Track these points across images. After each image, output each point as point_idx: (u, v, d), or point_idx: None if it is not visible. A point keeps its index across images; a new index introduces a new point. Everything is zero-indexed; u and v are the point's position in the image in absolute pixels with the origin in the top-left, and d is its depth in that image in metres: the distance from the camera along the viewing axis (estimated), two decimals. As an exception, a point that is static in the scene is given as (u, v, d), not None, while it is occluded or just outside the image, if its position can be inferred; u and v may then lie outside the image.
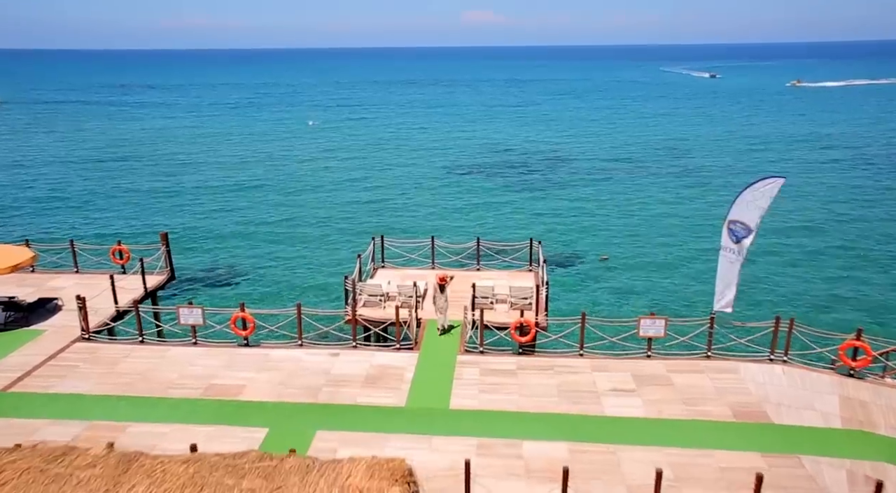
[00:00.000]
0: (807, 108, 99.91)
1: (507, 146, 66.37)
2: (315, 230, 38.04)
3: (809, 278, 29.95)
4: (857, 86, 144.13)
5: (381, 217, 40.15)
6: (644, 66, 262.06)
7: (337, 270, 30.36)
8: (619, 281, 29.59)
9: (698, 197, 44.28)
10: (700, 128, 78.65)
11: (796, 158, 58.06)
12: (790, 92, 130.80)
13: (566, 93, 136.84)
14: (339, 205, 43.40)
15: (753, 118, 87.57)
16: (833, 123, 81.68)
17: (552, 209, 41.69)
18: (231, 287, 28.77)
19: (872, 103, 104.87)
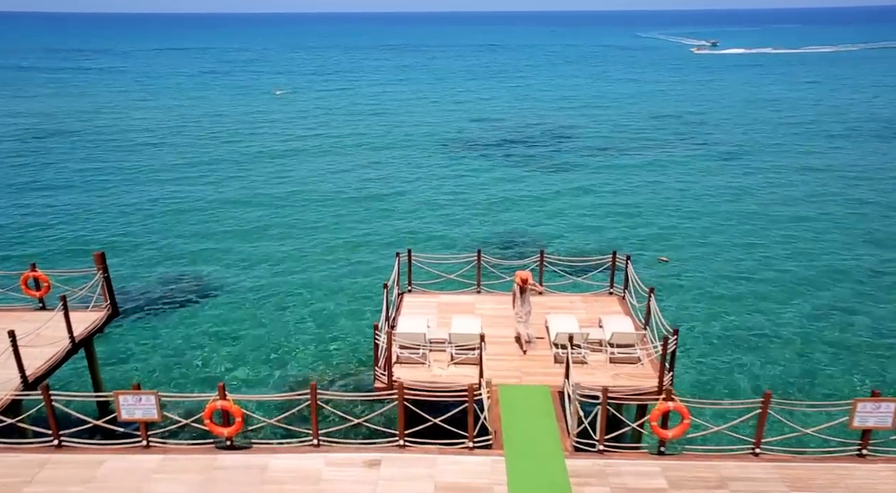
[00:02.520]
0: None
1: (510, 119, 59.51)
2: (305, 238, 28.93)
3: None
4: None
5: (386, 218, 31.64)
6: (623, 32, 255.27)
7: (347, 298, 22.77)
8: (722, 306, 22.15)
9: (740, 177, 38.86)
10: (705, 98, 73.20)
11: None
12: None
13: (562, 60, 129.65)
14: (331, 201, 34.39)
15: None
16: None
17: (578, 194, 35.64)
18: (199, 325, 21.11)
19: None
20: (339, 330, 20.72)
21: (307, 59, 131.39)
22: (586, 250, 27.05)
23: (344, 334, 20.39)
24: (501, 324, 15.66)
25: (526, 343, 14.56)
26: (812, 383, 17.66)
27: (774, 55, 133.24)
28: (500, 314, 16.20)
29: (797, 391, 17.23)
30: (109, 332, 19.10)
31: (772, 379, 17.77)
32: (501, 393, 12.81)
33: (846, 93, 74.28)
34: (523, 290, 14.66)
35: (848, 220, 30.89)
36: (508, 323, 15.75)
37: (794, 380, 17.76)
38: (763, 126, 54.64)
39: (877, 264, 25.67)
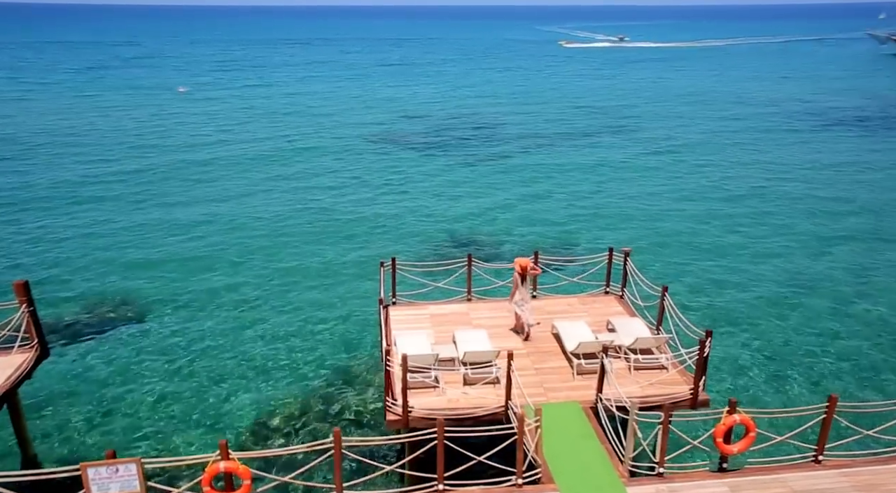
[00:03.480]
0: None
1: (437, 114, 57.75)
2: (254, 256, 25.16)
3: None
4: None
5: (336, 228, 28.35)
6: (522, 26, 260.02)
7: (310, 316, 20.34)
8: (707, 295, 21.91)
9: (669, 161, 39.59)
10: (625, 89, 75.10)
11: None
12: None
13: (476, 53, 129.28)
14: (270, 210, 30.46)
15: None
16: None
17: (519, 187, 34.88)
18: (150, 362, 18.28)
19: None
20: (313, 352, 18.59)
21: (207, 54, 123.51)
22: (553, 245, 26.30)
23: (320, 356, 18.29)
24: (504, 335, 14.37)
25: (528, 327, 14.15)
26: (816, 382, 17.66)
27: (660, 49, 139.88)
28: (499, 323, 14.89)
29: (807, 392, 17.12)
30: (38, 377, 16.05)
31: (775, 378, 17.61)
32: (531, 415, 11.52)
33: (746, 83, 78.77)
34: (524, 277, 14.14)
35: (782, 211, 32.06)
36: (506, 331, 14.50)
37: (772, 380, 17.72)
38: (683, 117, 56.54)
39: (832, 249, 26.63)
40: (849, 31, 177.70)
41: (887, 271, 23.94)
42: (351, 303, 21.27)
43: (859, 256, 25.40)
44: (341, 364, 17.89)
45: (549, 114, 57.32)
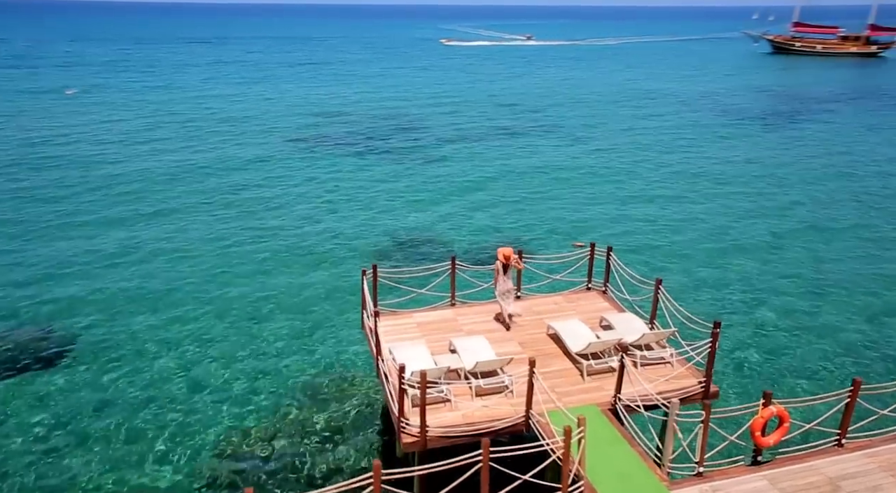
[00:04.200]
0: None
1: (358, 113, 55.95)
2: (187, 276, 22.55)
3: None
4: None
5: (274, 237, 26.48)
6: (428, 25, 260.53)
7: (270, 334, 18.72)
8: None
9: (588, 149, 40.53)
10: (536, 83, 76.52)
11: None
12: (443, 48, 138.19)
13: (384, 52, 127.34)
14: (205, 224, 27.73)
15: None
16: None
17: (462, 186, 34.45)
18: (77, 404, 16.16)
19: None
20: (286, 377, 17.14)
21: (94, 54, 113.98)
22: (514, 242, 26.01)
23: (295, 381, 16.88)
24: (499, 339, 13.76)
25: (509, 318, 14.23)
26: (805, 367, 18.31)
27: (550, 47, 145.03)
28: (490, 328, 14.29)
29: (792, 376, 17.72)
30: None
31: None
32: (555, 422, 10.97)
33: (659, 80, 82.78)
34: (506, 267, 14.08)
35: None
36: (503, 335, 13.95)
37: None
38: (603, 113, 58.36)
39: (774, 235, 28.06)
40: (727, 30, 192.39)
41: (806, 255, 25.55)
42: (317, 320, 19.87)
43: (789, 241, 27.00)
44: (324, 387, 16.62)
45: (470, 112, 57.36)
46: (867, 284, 22.63)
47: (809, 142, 45.89)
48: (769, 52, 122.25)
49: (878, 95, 69.62)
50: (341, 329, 19.30)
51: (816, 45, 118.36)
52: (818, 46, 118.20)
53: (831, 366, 17.60)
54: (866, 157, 41.29)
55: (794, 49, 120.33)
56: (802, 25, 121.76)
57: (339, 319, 19.90)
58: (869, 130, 50.21)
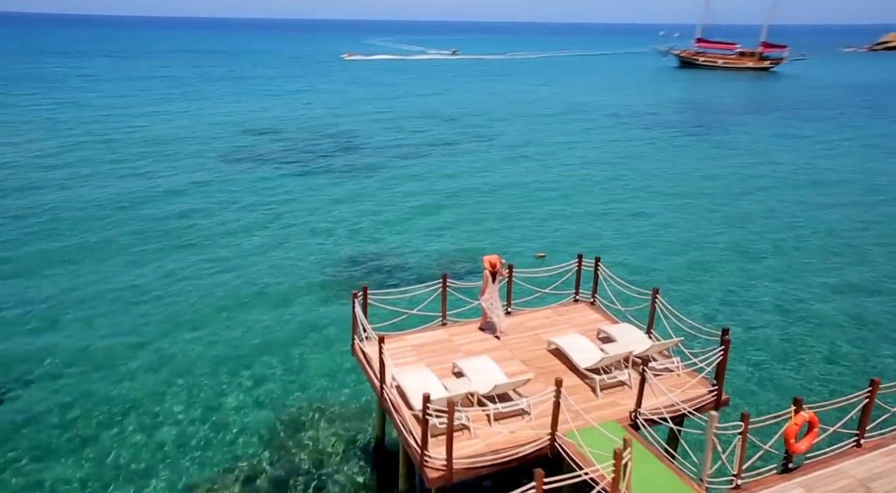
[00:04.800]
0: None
1: (292, 128, 53.91)
2: (142, 325, 19.80)
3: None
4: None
5: (242, 263, 24.76)
6: (350, 39, 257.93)
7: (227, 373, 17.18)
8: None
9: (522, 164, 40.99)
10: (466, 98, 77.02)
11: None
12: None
13: (303, 66, 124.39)
14: (151, 261, 24.76)
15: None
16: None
17: (399, 202, 33.69)
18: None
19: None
20: (256, 416, 15.84)
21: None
22: (455, 257, 25.62)
23: (289, 419, 15.59)
24: (500, 357, 13.23)
25: (499, 328, 14.12)
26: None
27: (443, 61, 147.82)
28: (488, 346, 13.76)
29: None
30: None
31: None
32: (584, 444, 10.54)
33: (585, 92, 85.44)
34: (494, 275, 13.99)
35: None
36: (503, 354, 13.46)
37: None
38: (536, 124, 59.37)
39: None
40: (636, 46, 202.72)
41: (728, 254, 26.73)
42: (293, 353, 18.53)
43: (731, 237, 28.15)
44: (307, 422, 15.47)
45: (409, 127, 56.84)
46: (827, 293, 23.83)
47: (735, 149, 48.49)
48: (676, 66, 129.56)
49: (778, 106, 74.94)
50: (319, 359, 18.18)
51: (718, 60, 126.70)
52: (719, 61, 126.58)
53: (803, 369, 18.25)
54: (788, 163, 44.04)
55: (698, 63, 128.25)
56: (704, 42, 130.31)
57: (316, 348, 18.75)
58: (779, 138, 53.73)
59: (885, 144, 51.53)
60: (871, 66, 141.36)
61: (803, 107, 74.08)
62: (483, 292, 14.20)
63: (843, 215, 32.05)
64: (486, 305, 14.16)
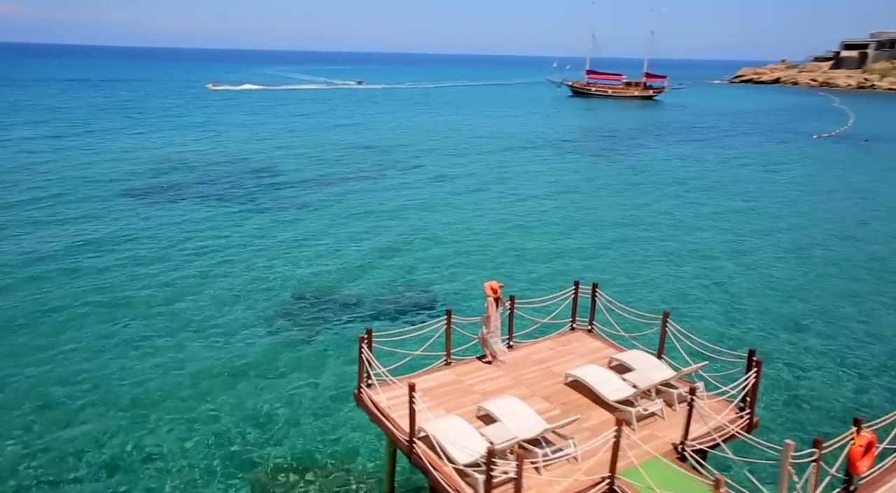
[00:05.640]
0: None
1: (190, 159, 50.67)
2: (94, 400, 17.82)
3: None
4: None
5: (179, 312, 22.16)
6: (245, 68, 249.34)
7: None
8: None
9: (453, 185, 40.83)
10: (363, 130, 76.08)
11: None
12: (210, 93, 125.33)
13: (194, 96, 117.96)
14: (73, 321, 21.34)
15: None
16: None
17: (334, 233, 32.23)
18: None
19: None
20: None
21: None
22: (398, 286, 24.64)
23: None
24: (520, 395, 12.37)
25: (499, 359, 13.66)
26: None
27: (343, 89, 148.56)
28: (505, 385, 12.90)
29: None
30: None
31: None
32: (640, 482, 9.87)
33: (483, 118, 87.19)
34: (497, 301, 13.55)
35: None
36: (522, 391, 12.64)
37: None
38: (456, 152, 59.54)
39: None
40: (531, 76, 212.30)
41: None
42: (276, 409, 16.69)
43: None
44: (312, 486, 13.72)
45: (328, 156, 55.19)
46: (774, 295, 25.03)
47: (648, 170, 51.05)
48: (570, 95, 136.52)
49: (669, 129, 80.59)
50: (289, 410, 16.43)
51: (608, 90, 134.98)
52: (609, 90, 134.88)
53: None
54: (704, 177, 46.89)
55: (590, 92, 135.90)
56: (594, 73, 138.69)
57: (283, 398, 16.97)
58: (682, 158, 57.37)
59: (777, 159, 56.43)
60: (734, 94, 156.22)
61: (695, 129, 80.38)
62: (488, 321, 13.56)
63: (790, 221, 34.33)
64: (488, 333, 13.56)
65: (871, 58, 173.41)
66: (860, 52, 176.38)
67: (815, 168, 54.55)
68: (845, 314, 23.25)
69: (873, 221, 36.75)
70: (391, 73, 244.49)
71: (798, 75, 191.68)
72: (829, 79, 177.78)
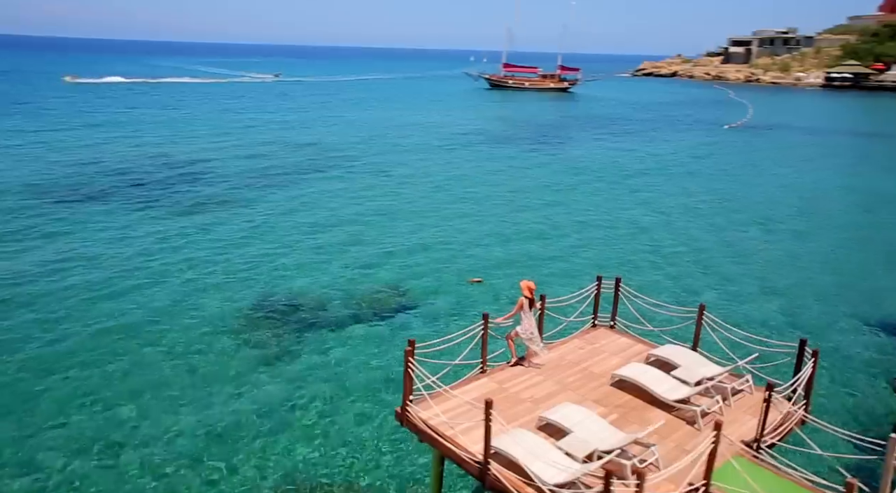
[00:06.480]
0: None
1: (106, 159, 46.29)
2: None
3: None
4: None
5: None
6: (132, 60, 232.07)
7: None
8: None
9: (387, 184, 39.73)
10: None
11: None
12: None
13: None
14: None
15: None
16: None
17: (281, 235, 30.30)
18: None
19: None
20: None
21: None
22: (363, 289, 23.46)
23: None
24: (570, 400, 11.75)
25: (534, 362, 13.04)
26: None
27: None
28: (551, 390, 12.18)
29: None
30: None
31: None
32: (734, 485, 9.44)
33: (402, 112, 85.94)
34: (531, 301, 12.94)
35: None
36: (569, 396, 11.99)
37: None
38: (393, 146, 58.03)
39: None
40: (448, 69, 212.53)
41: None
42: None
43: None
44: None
45: (258, 152, 52.17)
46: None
47: (579, 159, 51.94)
48: (488, 88, 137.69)
49: (598, 121, 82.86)
50: (275, 439, 14.93)
51: (525, 82, 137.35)
52: (526, 83, 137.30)
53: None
54: (632, 162, 48.22)
55: (507, 85, 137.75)
56: (511, 66, 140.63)
57: (270, 425, 15.40)
58: (620, 150, 58.95)
59: (702, 149, 59.07)
60: (641, 87, 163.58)
61: (620, 120, 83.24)
62: (520, 322, 12.87)
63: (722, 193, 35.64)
64: (526, 336, 12.88)
65: (754, 54, 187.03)
66: (745, 48, 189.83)
67: (753, 156, 57.63)
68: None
69: (802, 198, 39.20)
70: (307, 66, 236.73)
71: (693, 69, 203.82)
72: (721, 73, 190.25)
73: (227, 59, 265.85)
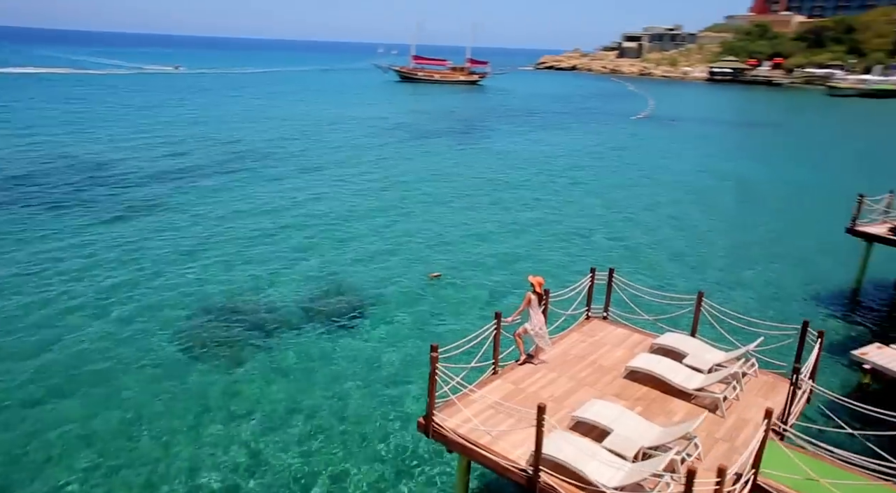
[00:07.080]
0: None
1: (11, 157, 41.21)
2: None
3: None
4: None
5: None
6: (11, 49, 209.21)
7: None
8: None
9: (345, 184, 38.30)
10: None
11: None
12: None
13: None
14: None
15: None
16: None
17: (213, 234, 28.22)
18: None
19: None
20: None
21: None
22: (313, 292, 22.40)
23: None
24: (590, 395, 11.49)
25: (541, 357, 12.84)
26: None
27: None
28: (568, 387, 11.90)
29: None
30: None
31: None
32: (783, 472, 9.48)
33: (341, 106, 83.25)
34: (540, 296, 12.73)
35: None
36: (589, 391, 11.73)
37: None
38: (315, 140, 55.83)
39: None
40: (356, 61, 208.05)
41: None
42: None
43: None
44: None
45: (177, 149, 48.51)
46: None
47: (515, 153, 52.32)
48: (397, 81, 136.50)
49: (512, 113, 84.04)
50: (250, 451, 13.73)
51: (435, 75, 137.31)
52: (436, 75, 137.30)
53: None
54: (540, 154, 49.15)
55: (417, 78, 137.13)
56: (420, 58, 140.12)
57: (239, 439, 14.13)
58: (538, 142, 59.95)
59: (619, 139, 61.26)
60: (545, 80, 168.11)
61: (533, 113, 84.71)
62: (532, 316, 12.58)
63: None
64: (536, 332, 12.60)
65: (645, 49, 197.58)
66: (637, 43, 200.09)
67: (672, 145, 60.31)
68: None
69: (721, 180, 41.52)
70: (211, 58, 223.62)
71: (591, 63, 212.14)
72: (617, 67, 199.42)
73: (115, 50, 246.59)
